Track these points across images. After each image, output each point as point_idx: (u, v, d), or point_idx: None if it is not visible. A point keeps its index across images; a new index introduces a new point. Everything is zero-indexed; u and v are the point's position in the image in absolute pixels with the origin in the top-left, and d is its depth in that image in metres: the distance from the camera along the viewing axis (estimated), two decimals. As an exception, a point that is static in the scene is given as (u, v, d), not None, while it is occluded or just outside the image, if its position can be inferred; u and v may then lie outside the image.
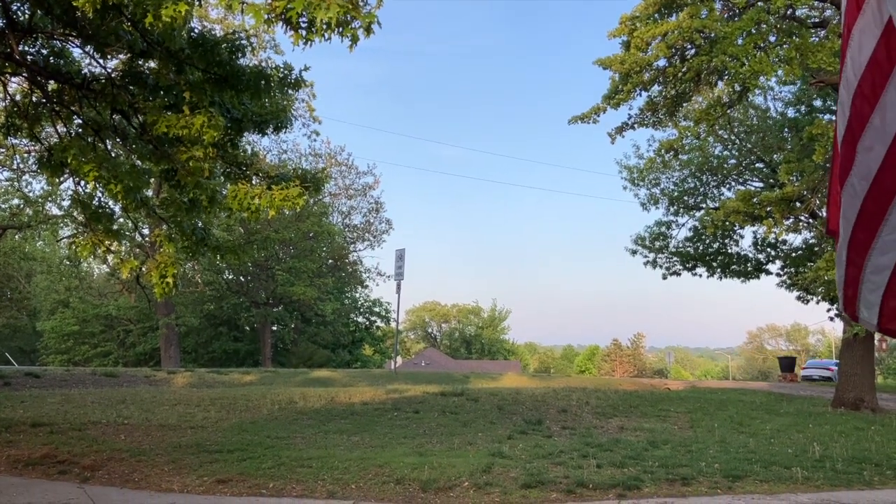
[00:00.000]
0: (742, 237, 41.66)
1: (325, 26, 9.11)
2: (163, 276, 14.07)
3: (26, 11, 12.89)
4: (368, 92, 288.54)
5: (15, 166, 41.71)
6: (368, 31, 9.31)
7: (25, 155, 35.88)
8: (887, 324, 4.55)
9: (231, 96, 12.85)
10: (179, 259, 15.20)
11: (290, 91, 14.10)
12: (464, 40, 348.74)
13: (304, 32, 9.45)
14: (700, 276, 43.53)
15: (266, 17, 9.20)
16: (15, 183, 44.94)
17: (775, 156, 35.84)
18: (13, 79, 14.73)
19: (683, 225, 42.51)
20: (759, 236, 40.83)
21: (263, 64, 13.71)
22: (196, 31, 12.84)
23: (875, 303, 4.53)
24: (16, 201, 46.51)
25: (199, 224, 14.77)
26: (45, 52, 13.54)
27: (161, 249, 14.95)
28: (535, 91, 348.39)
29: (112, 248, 15.17)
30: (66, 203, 43.22)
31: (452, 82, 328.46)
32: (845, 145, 4.45)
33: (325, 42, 9.47)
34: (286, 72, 13.23)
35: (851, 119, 4.37)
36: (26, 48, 13.25)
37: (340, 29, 9.21)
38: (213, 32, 13.05)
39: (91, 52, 13.17)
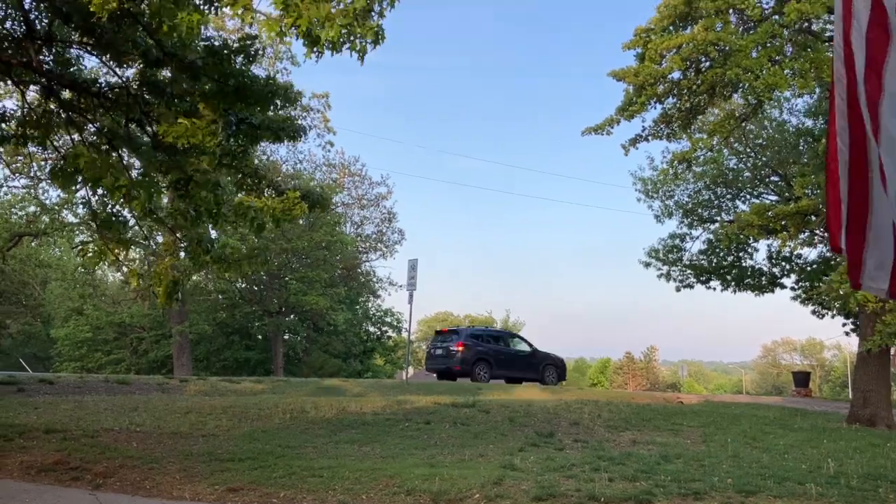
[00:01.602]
0: (756, 250, 41.69)
1: (328, 44, 9.23)
2: (161, 285, 14.16)
3: (45, 20, 12.97)
4: (383, 104, 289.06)
5: (32, 174, 41.93)
6: (376, 42, 9.42)
7: (42, 163, 36.03)
8: None
9: (241, 108, 12.92)
10: (178, 270, 15.24)
11: (288, 105, 14.18)
12: (479, 55, 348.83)
13: (314, 47, 9.56)
14: (714, 289, 43.54)
15: (279, 28, 9.29)
16: (31, 190, 45.17)
17: (790, 169, 35.76)
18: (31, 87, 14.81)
19: (697, 238, 42.52)
20: (773, 250, 40.82)
21: (279, 75, 13.81)
22: (212, 40, 12.92)
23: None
24: (32, 208, 46.76)
25: (212, 234, 14.84)
26: (61, 60, 13.61)
27: (163, 260, 15.00)
28: (550, 103, 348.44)
29: (121, 258, 15.21)
30: (81, 211, 43.40)
31: (467, 95, 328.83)
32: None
33: (337, 55, 9.57)
34: (284, 89, 13.34)
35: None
36: (42, 57, 13.32)
37: (348, 44, 9.32)
38: (230, 43, 13.11)
39: (107, 61, 13.24)
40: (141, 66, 13.31)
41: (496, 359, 39.68)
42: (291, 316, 68.14)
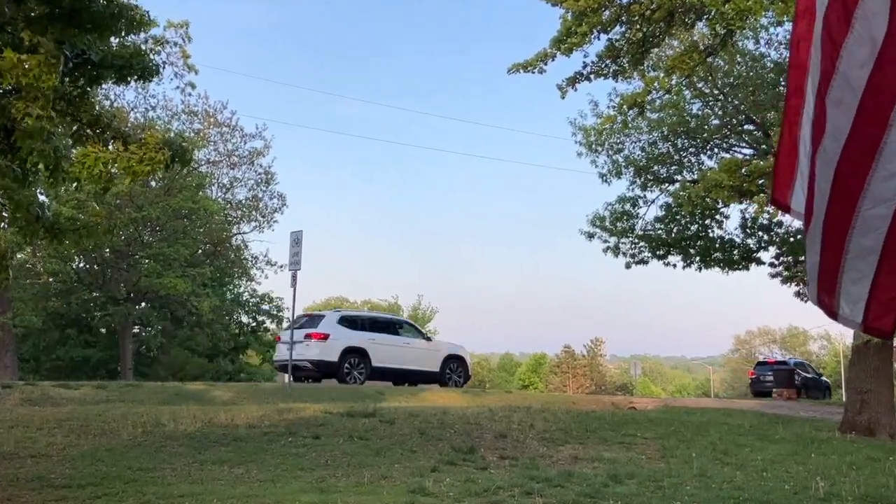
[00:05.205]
0: (727, 217, 41.90)
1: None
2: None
3: None
4: (261, 40, 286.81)
5: None
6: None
7: None
8: (875, 322, 4.52)
9: (75, 35, 12.71)
10: (13, 243, 15.01)
11: (135, 33, 13.96)
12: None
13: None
14: (674, 266, 43.70)
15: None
16: None
17: (769, 115, 35.96)
18: None
19: (653, 202, 42.67)
20: (748, 216, 41.07)
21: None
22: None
23: (861, 296, 4.50)
24: None
25: (43, 198, 14.58)
26: None
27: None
28: (468, 38, 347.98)
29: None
30: None
31: (367, 28, 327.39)
32: (817, 99, 4.47)
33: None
34: (129, 10, 13.13)
35: (822, 67, 4.40)
36: None
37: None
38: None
39: None
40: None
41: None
42: (143, 304, 67.55)
